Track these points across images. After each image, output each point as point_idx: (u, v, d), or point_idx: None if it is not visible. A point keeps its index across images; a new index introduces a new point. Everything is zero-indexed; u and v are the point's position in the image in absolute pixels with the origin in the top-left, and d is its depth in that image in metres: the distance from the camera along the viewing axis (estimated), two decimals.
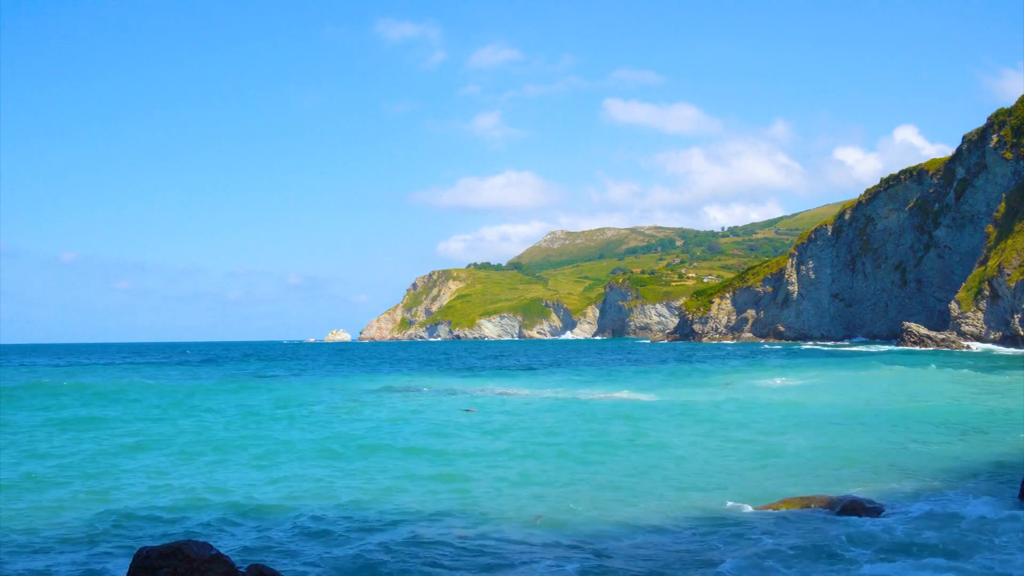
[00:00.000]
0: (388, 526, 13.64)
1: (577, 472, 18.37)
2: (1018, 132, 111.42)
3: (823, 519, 13.26)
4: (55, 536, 12.99)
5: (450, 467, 19.14)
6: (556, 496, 15.80)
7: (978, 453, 19.72)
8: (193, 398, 39.41)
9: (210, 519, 14.22)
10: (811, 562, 11.08)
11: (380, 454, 21.34)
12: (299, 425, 27.82)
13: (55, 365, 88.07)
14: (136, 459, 20.94)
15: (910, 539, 11.92)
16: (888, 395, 35.31)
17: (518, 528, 13.35)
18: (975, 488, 15.30)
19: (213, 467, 19.76)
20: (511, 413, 30.90)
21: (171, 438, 24.70)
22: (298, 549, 12.33)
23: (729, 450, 21.07)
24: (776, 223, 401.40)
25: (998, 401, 31.42)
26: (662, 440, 22.88)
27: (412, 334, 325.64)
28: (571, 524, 13.54)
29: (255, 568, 9.64)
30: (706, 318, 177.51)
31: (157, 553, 9.42)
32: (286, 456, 21.23)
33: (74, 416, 30.81)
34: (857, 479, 16.82)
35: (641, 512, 14.29)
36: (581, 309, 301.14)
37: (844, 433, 23.62)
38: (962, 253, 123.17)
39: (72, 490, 16.81)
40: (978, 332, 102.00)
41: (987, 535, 11.73)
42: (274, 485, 17.42)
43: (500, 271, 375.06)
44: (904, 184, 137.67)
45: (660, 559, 11.48)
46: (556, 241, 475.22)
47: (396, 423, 28.04)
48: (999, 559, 10.72)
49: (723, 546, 12.02)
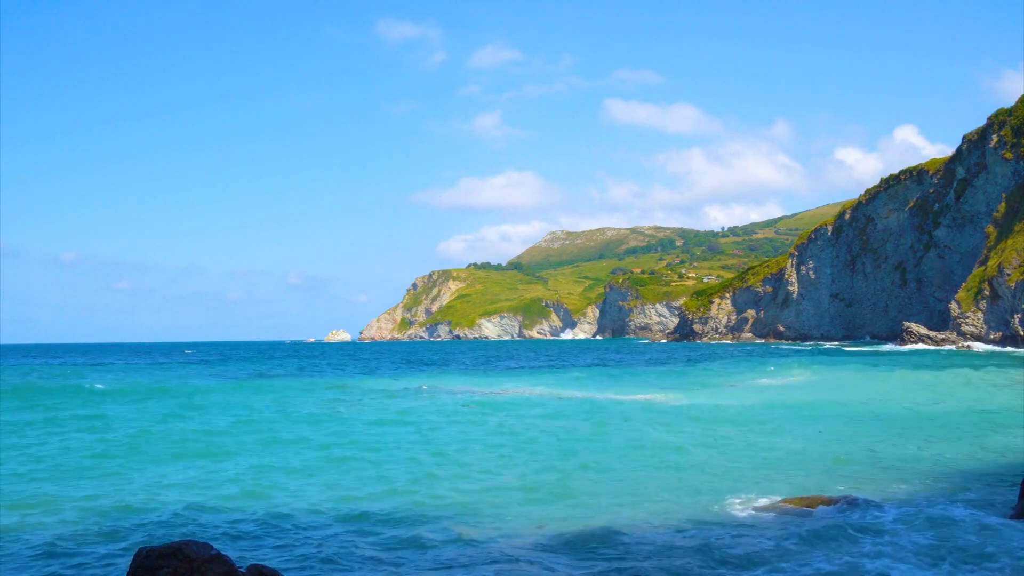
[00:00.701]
0: (390, 528, 13.63)
1: (578, 472, 18.35)
2: (1018, 132, 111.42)
3: (822, 519, 13.25)
4: (55, 536, 12.98)
5: (459, 468, 19.14)
6: (558, 495, 15.79)
7: (980, 456, 19.72)
8: (194, 399, 39.40)
9: (210, 519, 14.21)
10: (810, 562, 11.07)
11: (384, 454, 21.32)
12: (306, 425, 27.77)
13: (76, 363, 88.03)
14: (135, 459, 20.92)
15: (909, 542, 11.92)
16: (891, 396, 35.31)
17: (523, 531, 13.35)
18: (972, 499, 15.27)
19: (214, 467, 19.75)
20: (541, 416, 30.87)
21: (173, 438, 24.67)
22: (298, 549, 12.32)
23: (732, 450, 21.06)
24: (776, 223, 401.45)
25: (1005, 401, 31.43)
26: (664, 440, 22.87)
27: (412, 334, 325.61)
28: (574, 526, 13.53)
29: (255, 568, 9.64)
30: (706, 318, 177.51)
31: (157, 553, 9.41)
32: (287, 456, 21.21)
33: (75, 415, 30.80)
34: (856, 479, 16.82)
35: (641, 513, 14.28)
36: (581, 309, 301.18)
37: (845, 433, 23.62)
38: (962, 253, 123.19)
39: (72, 490, 16.80)
40: (978, 332, 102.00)
41: (980, 545, 11.66)
42: (275, 484, 17.41)
43: (500, 271, 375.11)
44: (904, 184, 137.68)
45: (658, 560, 11.48)
46: (556, 241, 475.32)
47: (408, 425, 28.02)
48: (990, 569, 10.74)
49: (722, 546, 12.02)
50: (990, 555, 11.01)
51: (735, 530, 12.92)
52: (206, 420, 29.66)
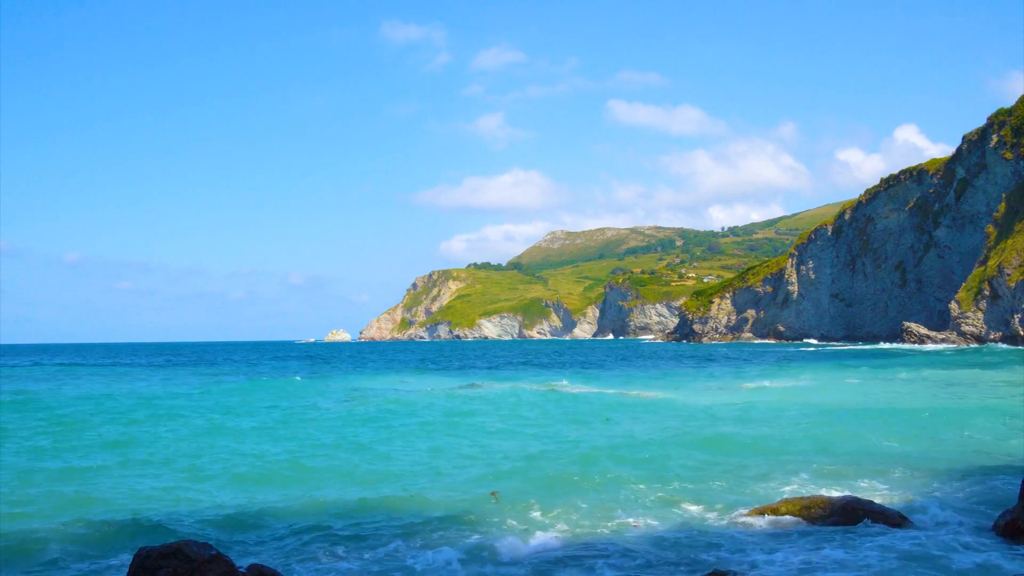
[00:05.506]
0: (392, 531, 13.63)
1: (576, 471, 18.33)
2: (1018, 132, 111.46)
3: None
4: (54, 536, 12.96)
5: (449, 462, 19.15)
6: (545, 493, 15.79)
7: (981, 460, 19.74)
8: (206, 400, 39.40)
9: (210, 519, 14.20)
10: (810, 563, 11.09)
11: (392, 455, 21.32)
12: (311, 426, 27.71)
13: (143, 365, 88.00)
14: (136, 459, 20.92)
15: (912, 544, 11.96)
16: (894, 396, 35.33)
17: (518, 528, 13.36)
18: (966, 508, 15.27)
19: (216, 467, 19.74)
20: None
21: (175, 437, 24.67)
22: (298, 549, 12.32)
23: (735, 451, 21.06)
24: (776, 223, 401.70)
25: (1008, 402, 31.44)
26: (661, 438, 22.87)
27: (412, 334, 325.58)
28: (568, 526, 13.54)
29: (255, 568, 9.65)
30: (706, 318, 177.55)
31: (157, 553, 9.43)
32: (289, 456, 21.21)
33: (75, 415, 30.79)
34: (857, 480, 16.83)
35: (634, 513, 14.29)
36: (581, 309, 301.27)
37: (846, 433, 23.60)
38: (962, 253, 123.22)
39: (72, 490, 16.79)
40: (978, 332, 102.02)
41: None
42: (275, 485, 17.42)
43: (500, 271, 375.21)
44: (904, 184, 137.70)
45: (654, 560, 11.49)
46: (556, 241, 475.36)
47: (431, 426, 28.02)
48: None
49: (722, 546, 12.03)
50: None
51: (733, 532, 12.92)
52: (216, 420, 29.59)
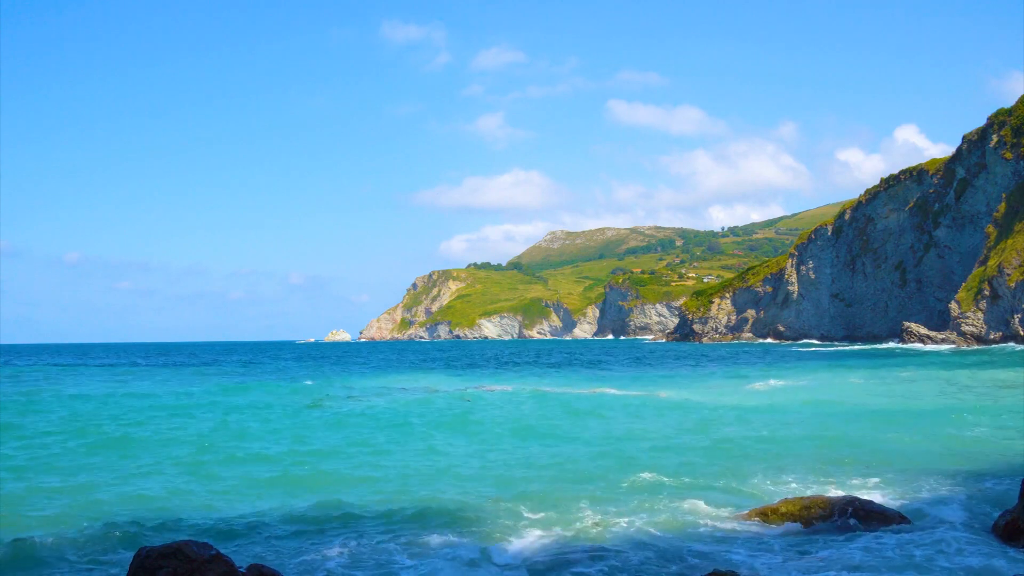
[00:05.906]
0: (392, 531, 13.64)
1: (576, 471, 18.35)
2: (1018, 132, 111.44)
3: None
4: (54, 536, 12.97)
5: (448, 460, 19.16)
6: (543, 493, 15.79)
7: (982, 460, 19.75)
8: (208, 398, 39.41)
9: (210, 519, 14.21)
10: (810, 563, 11.10)
11: (393, 455, 21.32)
12: (311, 426, 27.73)
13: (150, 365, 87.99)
14: (136, 459, 20.92)
15: (910, 546, 11.96)
16: (894, 396, 35.32)
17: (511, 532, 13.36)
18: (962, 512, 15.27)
19: (215, 467, 19.74)
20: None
21: (175, 437, 24.67)
22: (298, 549, 12.32)
23: (735, 451, 21.06)
24: (776, 223, 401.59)
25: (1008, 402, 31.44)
26: (659, 438, 22.88)
27: (412, 334, 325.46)
28: (566, 527, 13.54)
29: (255, 568, 9.66)
30: (706, 318, 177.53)
31: (157, 553, 9.43)
32: (289, 457, 21.22)
33: (76, 414, 30.81)
34: (858, 480, 16.83)
35: (634, 513, 14.29)
36: (581, 309, 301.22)
37: (846, 433, 23.60)
38: (962, 253, 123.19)
39: (72, 490, 16.80)
40: (978, 332, 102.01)
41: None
42: (276, 485, 17.42)
43: (500, 271, 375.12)
44: (904, 184, 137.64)
45: (654, 560, 11.48)
46: (556, 241, 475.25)
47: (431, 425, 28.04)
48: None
49: (722, 546, 12.04)
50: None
51: (731, 532, 12.92)
52: (220, 420, 29.62)
